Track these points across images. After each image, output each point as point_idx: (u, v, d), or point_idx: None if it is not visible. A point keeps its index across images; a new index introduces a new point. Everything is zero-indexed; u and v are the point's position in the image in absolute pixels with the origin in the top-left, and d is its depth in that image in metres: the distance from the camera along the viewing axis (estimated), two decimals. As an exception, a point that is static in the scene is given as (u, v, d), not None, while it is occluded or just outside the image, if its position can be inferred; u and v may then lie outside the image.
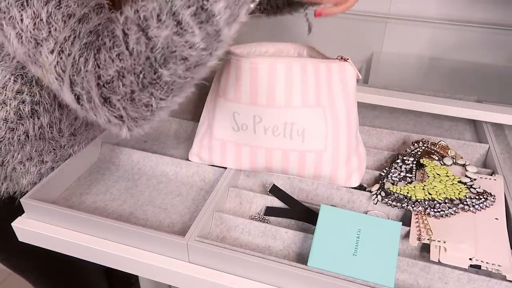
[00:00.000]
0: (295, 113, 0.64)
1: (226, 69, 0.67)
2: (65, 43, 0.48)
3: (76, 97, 0.49)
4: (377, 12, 1.16)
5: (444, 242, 0.57)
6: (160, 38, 0.45)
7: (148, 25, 0.45)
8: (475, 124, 0.90)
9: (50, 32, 0.48)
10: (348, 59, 0.65)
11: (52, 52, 0.48)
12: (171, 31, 0.44)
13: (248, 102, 0.65)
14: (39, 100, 0.63)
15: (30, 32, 0.48)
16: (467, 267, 0.55)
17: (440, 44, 1.13)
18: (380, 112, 0.94)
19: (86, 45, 0.48)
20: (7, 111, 0.62)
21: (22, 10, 0.47)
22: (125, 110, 0.49)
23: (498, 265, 0.54)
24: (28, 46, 0.49)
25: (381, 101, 0.87)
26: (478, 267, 0.55)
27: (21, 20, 0.47)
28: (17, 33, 0.48)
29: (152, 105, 0.49)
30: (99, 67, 0.47)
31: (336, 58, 0.65)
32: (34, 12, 0.47)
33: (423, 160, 0.70)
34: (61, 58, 0.48)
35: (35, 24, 0.48)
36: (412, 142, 0.76)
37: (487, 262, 0.55)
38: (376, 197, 0.65)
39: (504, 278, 0.54)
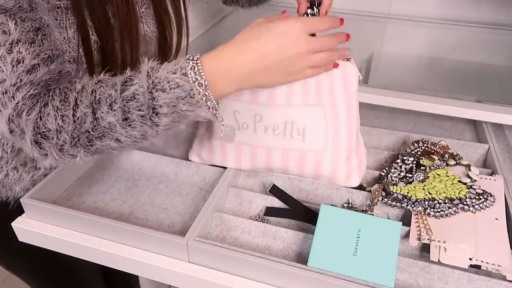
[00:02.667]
0: (295, 112, 0.64)
1: None
2: (11, 87, 0.51)
3: (10, 130, 0.53)
4: (377, 12, 1.16)
5: (444, 242, 0.57)
6: (104, 121, 0.51)
7: (99, 108, 0.51)
8: (475, 124, 0.90)
9: None
10: (350, 58, 0.65)
11: None
12: (117, 121, 0.51)
13: (248, 100, 0.65)
14: None
15: None
16: (467, 267, 0.55)
17: (440, 44, 1.13)
18: (380, 112, 0.94)
19: (32, 96, 0.52)
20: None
21: None
22: (51, 153, 0.54)
23: (498, 265, 0.54)
24: None
25: (381, 101, 0.87)
26: (478, 267, 0.55)
27: None
28: None
29: (76, 157, 0.54)
30: (41, 119, 0.52)
31: None
32: None
33: (423, 161, 0.70)
34: (3, 96, 0.51)
35: None
36: (412, 142, 0.76)
37: (487, 262, 0.55)
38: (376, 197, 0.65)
39: (504, 278, 0.54)
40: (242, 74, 0.53)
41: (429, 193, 0.64)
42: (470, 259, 0.55)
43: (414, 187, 0.65)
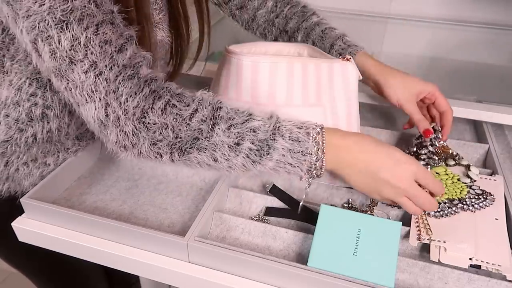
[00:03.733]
0: (295, 112, 0.64)
1: (226, 68, 0.67)
2: (104, 69, 0.51)
3: (105, 114, 0.52)
4: (377, 12, 1.16)
5: (444, 242, 0.57)
6: (216, 137, 0.53)
7: (219, 123, 0.53)
8: (475, 124, 0.90)
9: (86, 54, 0.50)
10: (350, 58, 0.65)
11: (86, 72, 0.51)
12: (227, 143, 0.53)
13: (248, 100, 0.65)
14: (50, 105, 0.63)
15: (66, 51, 0.50)
16: (467, 267, 0.55)
17: (440, 44, 1.13)
18: (380, 112, 0.94)
19: (130, 77, 0.52)
20: (19, 111, 0.63)
21: (61, 32, 0.49)
22: (141, 145, 0.53)
23: (498, 265, 0.54)
24: (61, 62, 0.51)
25: (381, 101, 0.87)
26: (478, 267, 0.55)
27: (59, 41, 0.50)
28: (51, 49, 0.50)
29: (162, 157, 0.54)
30: (151, 109, 0.52)
31: (339, 58, 0.65)
32: (73, 35, 0.50)
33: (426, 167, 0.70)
34: (97, 79, 0.51)
35: (72, 45, 0.50)
36: (413, 141, 0.76)
37: (487, 262, 0.55)
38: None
39: (504, 278, 0.54)
40: (350, 161, 0.56)
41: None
42: (470, 259, 0.55)
43: (414, 187, 0.65)
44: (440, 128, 0.74)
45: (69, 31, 0.49)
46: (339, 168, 0.57)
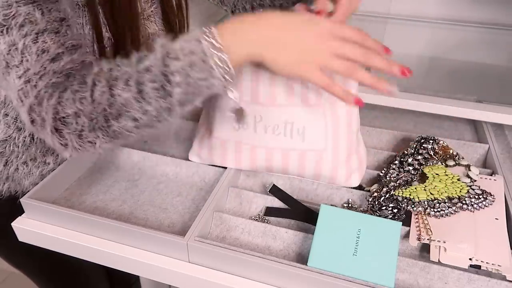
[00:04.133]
0: (295, 112, 0.64)
1: None
2: (34, 76, 0.52)
3: (31, 120, 0.54)
4: (377, 12, 1.16)
5: (444, 242, 0.57)
6: (121, 98, 0.51)
7: (116, 84, 0.51)
8: (475, 124, 0.90)
9: (21, 61, 0.51)
10: None
11: (19, 78, 0.52)
12: (132, 95, 0.51)
13: (249, 100, 0.65)
14: None
15: (4, 56, 0.51)
16: (467, 267, 0.55)
17: (440, 44, 1.13)
18: (380, 112, 0.94)
19: (54, 84, 0.53)
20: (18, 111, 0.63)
21: (1, 35, 0.51)
22: (71, 142, 0.54)
23: (498, 265, 0.54)
24: (0, 64, 0.52)
25: (381, 101, 0.87)
26: (478, 267, 0.55)
27: None
28: None
29: (95, 144, 0.55)
30: (60, 104, 0.52)
31: None
32: (11, 40, 0.51)
33: (424, 167, 0.70)
34: (26, 86, 0.52)
35: (9, 50, 0.51)
36: (413, 141, 0.76)
37: (487, 262, 0.55)
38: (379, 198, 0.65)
39: (504, 278, 0.54)
40: (257, 39, 0.52)
41: (431, 193, 0.64)
42: (470, 259, 0.55)
43: (416, 188, 0.65)
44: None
45: (9, 36, 0.50)
46: (250, 44, 0.52)
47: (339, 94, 0.54)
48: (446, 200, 0.63)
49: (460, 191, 0.64)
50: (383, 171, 0.71)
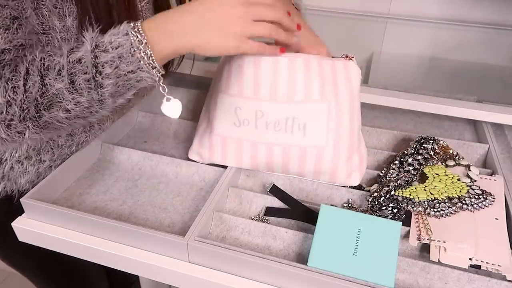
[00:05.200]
0: (296, 107, 0.64)
1: (227, 64, 0.67)
2: None
3: None
4: (377, 12, 1.16)
5: (444, 242, 0.57)
6: (53, 88, 0.52)
7: (47, 74, 0.52)
8: (475, 124, 0.90)
9: None
10: (353, 57, 0.65)
11: None
12: (65, 86, 0.52)
13: (250, 96, 0.65)
14: None
15: None
16: (467, 267, 0.55)
17: (440, 44, 1.13)
18: (380, 112, 0.94)
19: None
20: None
21: None
22: None
23: (498, 265, 0.54)
24: None
25: (381, 101, 0.87)
26: (478, 267, 0.55)
27: None
28: None
29: (24, 134, 0.55)
30: None
31: (341, 57, 0.65)
32: None
33: (424, 167, 0.70)
34: None
35: None
36: (412, 142, 0.76)
37: (487, 262, 0.55)
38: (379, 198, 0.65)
39: (504, 278, 0.54)
40: (178, 29, 0.54)
41: (431, 193, 0.64)
42: (470, 259, 0.55)
43: (416, 188, 0.65)
44: None
45: None
46: (174, 38, 0.54)
47: (270, 52, 0.59)
48: (446, 200, 0.63)
49: (460, 191, 0.64)
50: (383, 171, 0.71)
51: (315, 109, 0.64)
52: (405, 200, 0.63)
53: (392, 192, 0.64)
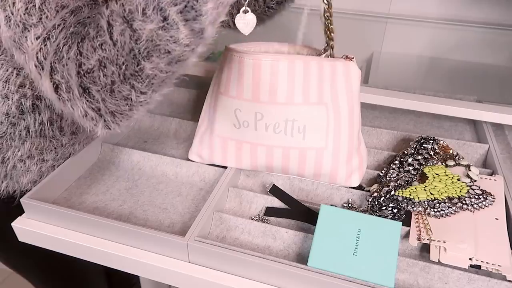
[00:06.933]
0: (296, 110, 0.64)
1: (227, 66, 0.67)
2: (53, 31, 0.48)
3: (54, 85, 0.49)
4: (377, 12, 1.16)
5: (444, 242, 0.57)
6: (144, 31, 0.45)
7: (133, 18, 0.45)
8: (475, 124, 0.90)
9: (41, 18, 0.48)
10: (353, 58, 0.65)
11: (38, 38, 0.48)
12: (157, 25, 0.44)
13: (250, 98, 0.65)
14: (40, 95, 0.63)
15: (20, 16, 0.48)
16: (467, 267, 0.55)
17: (440, 44, 1.13)
18: (380, 112, 0.94)
19: (72, 34, 0.48)
20: (9, 105, 0.62)
21: None
22: (103, 102, 0.49)
23: (498, 265, 0.54)
24: (15, 29, 0.49)
25: (381, 101, 0.87)
26: (478, 267, 0.55)
27: (13, 3, 0.47)
28: (6, 16, 0.48)
29: (131, 99, 0.49)
30: (81, 55, 0.47)
31: (341, 57, 0.65)
32: None
33: (424, 167, 0.70)
34: (45, 45, 0.48)
35: (27, 9, 0.48)
36: (412, 142, 0.76)
37: (487, 262, 0.55)
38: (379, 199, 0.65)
39: (504, 278, 0.54)
40: None
41: (431, 193, 0.64)
42: (470, 259, 0.55)
43: (416, 188, 0.65)
44: None
45: None
46: None
47: None
48: (446, 200, 0.63)
49: (460, 191, 0.64)
50: (383, 171, 0.71)
51: (313, 111, 0.64)
52: (405, 200, 0.63)
53: (392, 192, 0.64)
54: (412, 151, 0.73)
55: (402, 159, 0.72)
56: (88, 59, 0.47)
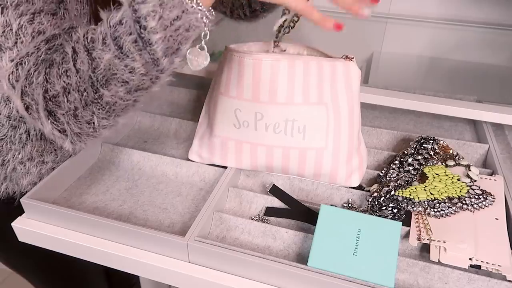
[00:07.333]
0: (296, 110, 0.64)
1: (227, 66, 0.67)
2: (26, 58, 0.50)
3: (25, 106, 0.51)
4: (377, 12, 1.16)
5: (444, 242, 0.57)
6: (103, 60, 0.48)
7: (93, 47, 0.48)
8: (475, 124, 0.90)
9: (16, 43, 0.50)
10: (353, 58, 0.65)
11: (12, 61, 0.50)
12: (113, 54, 0.47)
13: (250, 98, 0.65)
14: None
15: None
16: (467, 267, 0.55)
17: (440, 44, 1.13)
18: (380, 112, 0.94)
19: (42, 61, 0.51)
20: (10, 108, 0.62)
21: None
22: (68, 125, 0.51)
23: (498, 265, 0.54)
24: None
25: (381, 101, 0.87)
26: (478, 267, 0.55)
27: None
28: None
29: (94, 123, 0.52)
30: (47, 81, 0.50)
31: (341, 57, 0.65)
32: (6, 21, 0.49)
33: (424, 167, 0.70)
34: (17, 69, 0.50)
35: (4, 31, 0.49)
36: (413, 141, 0.76)
37: (487, 262, 0.55)
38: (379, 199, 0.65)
39: (504, 278, 0.54)
40: None
41: (431, 193, 0.64)
42: (470, 259, 0.55)
43: (416, 188, 0.65)
44: None
45: (3, 16, 0.48)
46: None
47: (316, 18, 0.52)
48: (446, 200, 0.63)
49: (460, 191, 0.64)
50: (383, 171, 0.71)
51: (313, 111, 0.64)
52: (405, 200, 0.63)
53: (392, 192, 0.64)
54: (412, 151, 0.73)
55: (402, 159, 0.72)
56: (54, 85, 0.49)
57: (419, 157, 0.71)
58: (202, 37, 0.51)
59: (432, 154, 0.72)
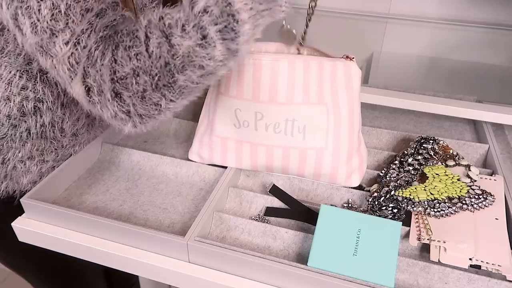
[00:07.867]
0: (296, 109, 0.64)
1: None
2: (82, 36, 0.49)
3: (86, 88, 0.51)
4: (377, 12, 1.16)
5: (444, 242, 0.57)
6: (182, 47, 0.46)
7: (172, 33, 0.46)
8: (475, 124, 0.90)
9: (67, 23, 0.49)
10: (353, 58, 0.65)
11: (67, 43, 0.49)
12: (195, 42, 0.46)
13: (250, 98, 0.65)
14: (42, 98, 0.63)
15: (47, 22, 0.49)
16: (467, 267, 0.55)
17: (440, 44, 1.13)
18: (380, 112, 0.94)
19: (102, 38, 0.50)
20: (10, 107, 0.63)
21: (41, 0, 0.48)
22: (134, 107, 0.51)
23: (498, 265, 0.54)
24: (42, 36, 0.50)
25: (381, 101, 0.87)
26: (478, 267, 0.55)
27: (39, 10, 0.48)
28: (32, 23, 0.49)
29: (161, 105, 0.51)
30: (115, 62, 0.49)
31: (342, 57, 0.65)
32: (53, 3, 0.48)
33: (424, 167, 0.70)
34: (76, 49, 0.50)
35: (53, 15, 0.49)
36: (413, 141, 0.76)
37: (487, 262, 0.55)
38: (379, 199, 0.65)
39: (504, 278, 0.54)
40: None
41: (431, 193, 0.64)
42: (470, 259, 0.55)
43: (416, 188, 0.65)
44: None
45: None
46: None
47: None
48: (446, 200, 0.63)
49: (460, 191, 0.64)
50: (383, 171, 0.71)
51: (313, 111, 0.64)
52: (405, 200, 0.63)
53: (392, 192, 0.64)
54: (412, 151, 0.73)
55: (402, 159, 0.72)
56: (123, 67, 0.49)
57: (419, 157, 0.71)
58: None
59: (432, 154, 0.72)
